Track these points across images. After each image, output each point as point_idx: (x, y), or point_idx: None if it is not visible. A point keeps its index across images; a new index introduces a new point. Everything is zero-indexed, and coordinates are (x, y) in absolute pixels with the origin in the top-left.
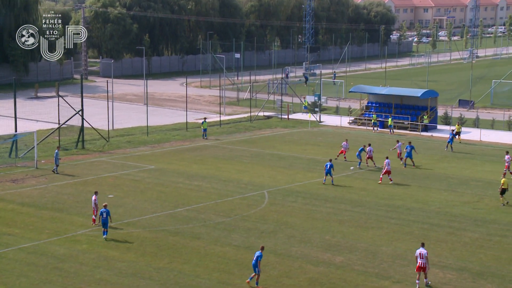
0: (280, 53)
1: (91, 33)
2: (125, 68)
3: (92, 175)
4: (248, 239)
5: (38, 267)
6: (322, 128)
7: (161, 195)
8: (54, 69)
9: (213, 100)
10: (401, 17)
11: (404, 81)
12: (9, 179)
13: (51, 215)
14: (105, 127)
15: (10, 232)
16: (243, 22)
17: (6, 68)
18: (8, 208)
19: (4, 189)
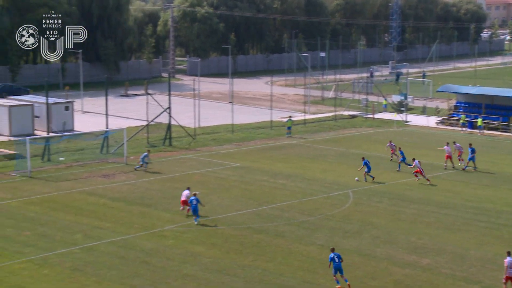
0: (366, 52)
1: (179, 32)
2: (211, 67)
3: (179, 172)
4: (332, 239)
5: (128, 261)
6: (408, 128)
7: (245, 193)
8: (143, 67)
9: (297, 98)
10: (492, 15)
11: (495, 81)
12: (101, 174)
13: (140, 210)
14: (192, 124)
15: (102, 226)
16: (328, 20)
17: (98, 66)
18: (100, 202)
19: (96, 184)
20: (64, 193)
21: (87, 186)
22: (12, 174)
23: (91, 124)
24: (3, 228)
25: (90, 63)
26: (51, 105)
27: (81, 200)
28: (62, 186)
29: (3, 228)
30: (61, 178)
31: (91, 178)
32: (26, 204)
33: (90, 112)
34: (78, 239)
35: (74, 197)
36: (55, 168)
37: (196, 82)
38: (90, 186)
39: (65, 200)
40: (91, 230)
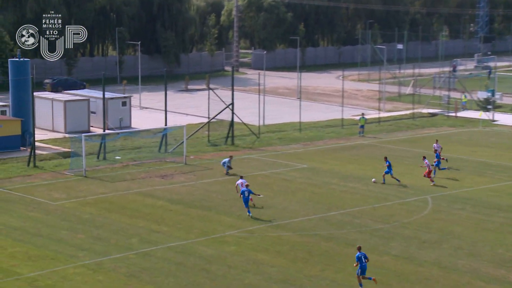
0: (448, 44)
1: (244, 22)
2: (278, 60)
3: (242, 173)
4: (408, 249)
5: (186, 268)
6: (495, 128)
7: (313, 196)
8: (205, 60)
9: (371, 95)
10: None
11: None
12: (159, 175)
13: (199, 213)
14: (256, 122)
15: (159, 229)
16: (407, 9)
17: (158, 59)
18: (158, 204)
19: (154, 185)
20: (120, 194)
21: (144, 187)
22: (66, 173)
23: (149, 121)
24: (57, 230)
25: (149, 56)
26: (108, 100)
27: (137, 201)
28: (118, 186)
29: (58, 230)
30: (117, 178)
31: (148, 178)
32: (80, 205)
33: (148, 108)
34: (134, 243)
35: (130, 198)
36: (111, 168)
37: (261, 76)
38: (147, 187)
39: (121, 201)
40: (148, 234)
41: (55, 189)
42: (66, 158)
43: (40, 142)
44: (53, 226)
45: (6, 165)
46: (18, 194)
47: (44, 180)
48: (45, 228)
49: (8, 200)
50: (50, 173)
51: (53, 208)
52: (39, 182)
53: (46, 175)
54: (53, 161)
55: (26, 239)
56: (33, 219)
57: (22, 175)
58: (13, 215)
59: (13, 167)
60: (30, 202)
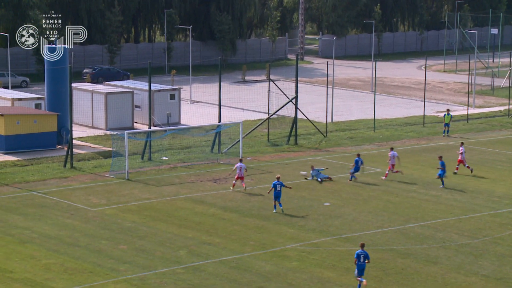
0: None
1: (310, 4)
2: (350, 47)
3: (305, 177)
4: (501, 268)
5: (241, 285)
6: None
7: (388, 205)
8: (265, 48)
9: (459, 88)
10: None
11: None
12: (211, 178)
13: (257, 223)
14: (323, 119)
15: (211, 241)
16: None
17: (211, 46)
18: (209, 212)
19: (205, 190)
20: (167, 200)
21: (194, 192)
22: (107, 176)
23: (200, 117)
24: (97, 240)
25: (202, 42)
26: (155, 92)
27: (186, 208)
28: (165, 191)
29: (97, 240)
30: (163, 181)
31: (198, 182)
32: (122, 212)
33: (200, 101)
34: (182, 256)
35: (178, 205)
36: (157, 170)
37: (330, 66)
38: (198, 192)
39: (168, 208)
40: (198, 246)
41: (94, 194)
42: (107, 159)
43: (78, 140)
44: (92, 235)
45: (41, 165)
46: (54, 198)
47: (82, 183)
48: (82, 237)
49: (43, 205)
50: (89, 175)
51: (91, 215)
52: (76, 185)
53: (84, 177)
54: (92, 161)
55: (62, 249)
56: (70, 227)
57: (57, 177)
58: (47, 222)
59: (48, 168)
60: (66, 208)
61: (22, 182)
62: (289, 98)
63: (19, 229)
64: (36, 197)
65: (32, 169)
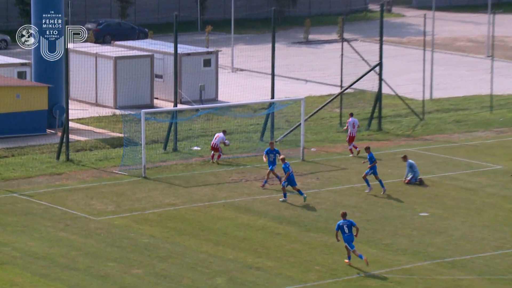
0: None
1: None
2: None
3: (392, 176)
4: None
5: None
6: None
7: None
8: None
9: None
10: None
11: None
12: (260, 177)
13: (324, 240)
14: (418, 95)
15: (260, 264)
16: None
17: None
18: (258, 224)
19: (252, 193)
20: (199, 207)
21: (237, 195)
22: (116, 172)
23: (246, 91)
24: (101, 261)
25: None
26: (182, 57)
27: (226, 219)
28: (196, 194)
29: (102, 262)
30: (194, 180)
31: (243, 182)
32: (137, 223)
33: (245, 70)
34: (220, 285)
35: (215, 213)
36: (185, 164)
37: (428, 20)
38: (242, 196)
39: (200, 218)
40: (242, 272)
41: (98, 197)
42: (116, 148)
43: (77, 122)
44: (95, 255)
45: (25, 157)
46: (43, 203)
47: (82, 182)
48: (82, 257)
49: (28, 212)
50: (91, 171)
51: (94, 226)
52: (74, 185)
53: (84, 174)
54: (95, 152)
55: (53, 273)
56: (65, 243)
57: (48, 173)
58: (34, 236)
59: (35, 161)
60: (60, 217)
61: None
62: (371, 66)
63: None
64: (18, 200)
65: (13, 162)
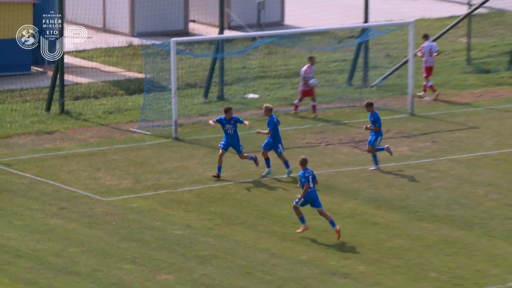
0: None
1: None
2: None
3: None
4: None
5: None
6: None
7: None
8: None
9: None
10: None
11: None
12: (348, 139)
13: (443, 234)
14: None
15: (347, 269)
16: None
17: None
18: (344, 209)
19: (337, 163)
20: (257, 183)
21: (312, 166)
22: (134, 131)
23: (324, 11)
24: (116, 261)
25: None
26: None
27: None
28: (252, 164)
29: (114, 262)
30: (249, 144)
31: (322, 147)
32: (165, 206)
33: None
34: None
35: (280, 194)
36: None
37: None
38: (322, 167)
39: (259, 200)
40: (320, 280)
41: (107, 168)
42: (134, 96)
43: (75, 55)
44: (104, 253)
45: (1, 107)
46: (27, 175)
47: (84, 144)
48: (85, 256)
49: (5, 188)
50: (97, 130)
51: (103, 210)
52: (72, 150)
53: (88, 132)
54: (103, 100)
55: (42, 279)
56: (59, 235)
57: (35, 131)
58: (14, 223)
59: (16, 114)
60: (52, 196)
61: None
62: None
63: None
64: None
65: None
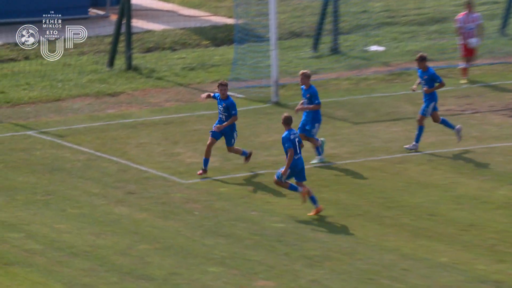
0: None
1: None
2: None
3: None
4: None
5: None
6: None
7: None
8: None
9: None
10: None
11: None
12: (503, 105)
13: None
14: None
15: None
16: None
17: None
18: None
19: (503, 137)
20: (385, 162)
21: (473, 140)
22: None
23: None
24: (202, 263)
25: None
26: None
27: (447, 189)
28: (381, 139)
29: (204, 266)
30: (374, 111)
31: (477, 115)
32: (262, 191)
33: None
34: None
35: (438, 177)
36: (355, 80)
37: None
38: (479, 141)
39: (391, 185)
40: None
41: (186, 141)
42: (221, 47)
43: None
44: (182, 250)
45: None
46: (85, 150)
47: (157, 110)
48: (160, 255)
49: (57, 166)
50: (174, 91)
51: (181, 196)
52: (141, 118)
53: (162, 95)
54: (181, 53)
55: (104, 284)
56: (126, 228)
57: (93, 93)
58: (68, 212)
59: (69, 70)
60: (116, 176)
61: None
62: None
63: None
64: (37, 144)
65: (29, 71)
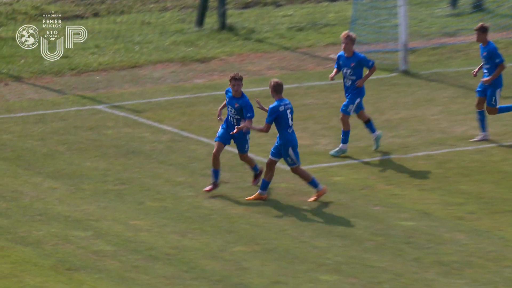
0: None
1: None
2: None
3: None
4: None
5: None
6: None
7: None
8: None
9: None
10: None
11: None
12: None
13: None
14: None
15: None
16: None
17: None
18: None
19: None
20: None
21: None
22: (334, 59)
23: None
24: (374, 270)
25: None
26: None
27: None
28: None
29: (377, 273)
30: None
31: None
32: (387, 181)
33: None
34: None
35: None
36: (507, 43)
37: None
38: None
39: None
40: None
41: (294, 117)
42: (335, 3)
43: None
44: (288, 253)
45: (128, 16)
46: (167, 129)
47: (257, 80)
48: (256, 258)
49: (136, 149)
50: (278, 56)
51: (286, 185)
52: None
53: (264, 61)
54: (286, 9)
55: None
56: (217, 224)
57: (179, 58)
58: (146, 205)
59: (151, 28)
60: (206, 161)
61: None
62: None
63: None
64: (101, 117)
65: (96, 28)
